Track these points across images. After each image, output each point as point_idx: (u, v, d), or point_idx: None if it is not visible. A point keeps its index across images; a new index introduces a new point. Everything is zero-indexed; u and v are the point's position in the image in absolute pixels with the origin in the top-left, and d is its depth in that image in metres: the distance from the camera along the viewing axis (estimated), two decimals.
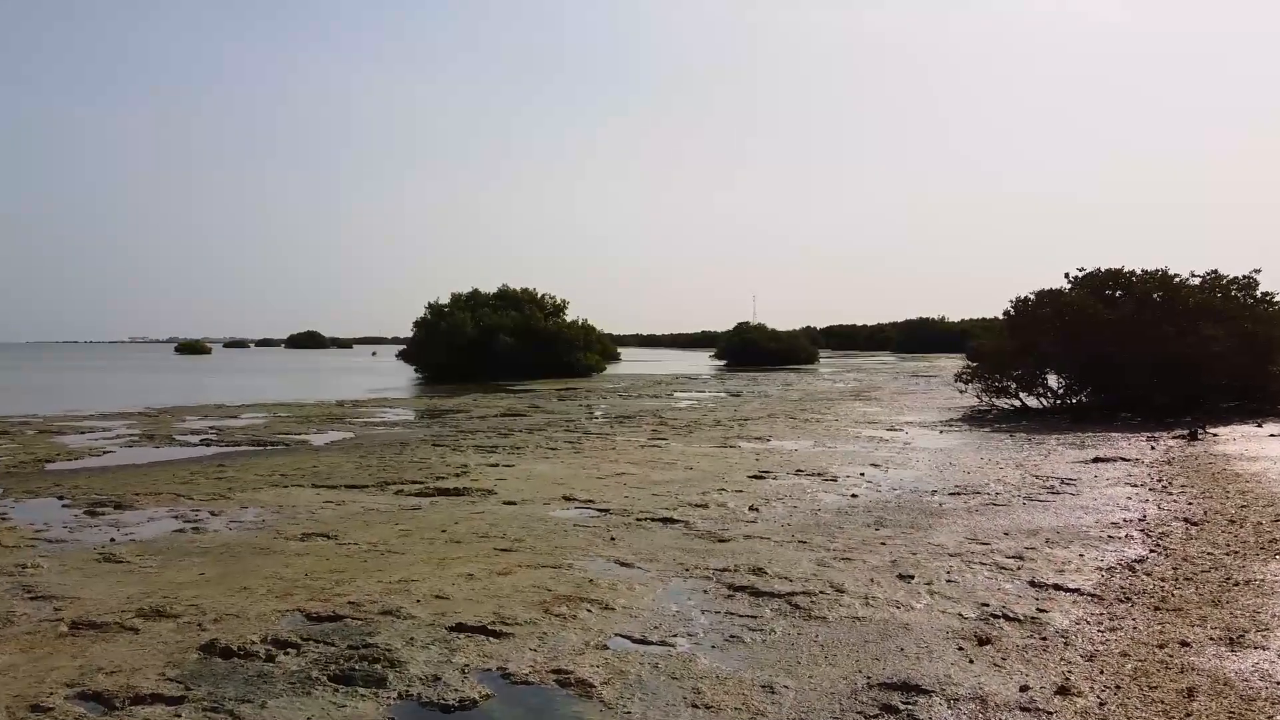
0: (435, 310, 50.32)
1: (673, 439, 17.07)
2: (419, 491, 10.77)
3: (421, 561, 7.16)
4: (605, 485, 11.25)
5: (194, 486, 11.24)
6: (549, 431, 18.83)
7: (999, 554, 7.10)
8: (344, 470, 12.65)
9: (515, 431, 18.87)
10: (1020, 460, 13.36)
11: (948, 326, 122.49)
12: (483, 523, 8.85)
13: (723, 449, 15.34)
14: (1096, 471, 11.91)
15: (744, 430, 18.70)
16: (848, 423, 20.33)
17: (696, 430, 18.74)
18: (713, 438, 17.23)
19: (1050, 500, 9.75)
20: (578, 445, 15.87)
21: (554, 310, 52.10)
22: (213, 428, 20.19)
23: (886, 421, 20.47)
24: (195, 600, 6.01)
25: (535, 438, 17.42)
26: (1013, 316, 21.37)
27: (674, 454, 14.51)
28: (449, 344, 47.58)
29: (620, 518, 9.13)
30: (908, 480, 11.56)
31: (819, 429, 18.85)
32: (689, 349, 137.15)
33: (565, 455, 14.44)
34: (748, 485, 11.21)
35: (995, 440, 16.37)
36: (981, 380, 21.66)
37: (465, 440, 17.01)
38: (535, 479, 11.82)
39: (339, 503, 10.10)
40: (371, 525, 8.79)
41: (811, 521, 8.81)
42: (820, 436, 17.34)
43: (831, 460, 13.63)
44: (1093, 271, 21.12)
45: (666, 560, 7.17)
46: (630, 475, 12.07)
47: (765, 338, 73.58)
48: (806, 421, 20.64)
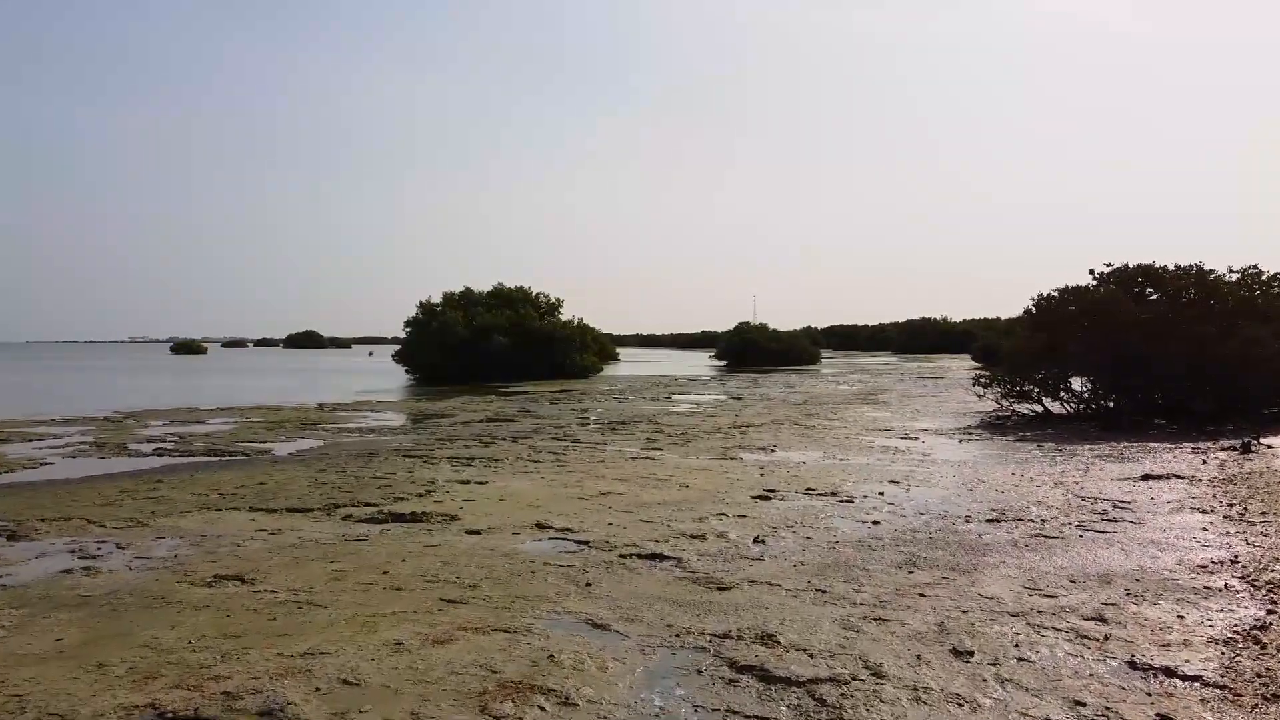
0: (427, 309, 48.85)
1: (668, 449, 15.59)
2: (371, 516, 9.30)
3: (344, 620, 5.69)
4: (588, 508, 9.77)
5: (114, 510, 9.76)
6: (534, 440, 17.35)
7: (1073, 613, 5.62)
8: (294, 488, 11.17)
9: (497, 440, 17.39)
10: (1057, 476, 11.89)
11: (949, 327, 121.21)
12: (435, 560, 7.38)
13: (723, 461, 13.87)
14: (1151, 492, 10.43)
15: (746, 439, 17.22)
16: (857, 430, 18.85)
17: (694, 439, 17.26)
18: (712, 448, 15.75)
19: (1110, 530, 8.27)
20: (563, 457, 14.39)
21: (548, 309, 50.61)
22: (174, 435, 18.73)
23: (899, 429, 19.00)
24: (22, 688, 4.54)
25: (518, 448, 15.94)
26: (1035, 315, 19.88)
27: (669, 468, 13.04)
28: (441, 344, 46.10)
29: (600, 552, 7.67)
30: (934, 502, 10.09)
31: (827, 437, 17.37)
32: (689, 349, 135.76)
33: (548, 470, 12.96)
34: (751, 508, 9.73)
35: (1022, 451, 14.90)
36: (1001, 384, 20.17)
37: (441, 450, 15.53)
38: (509, 500, 10.34)
39: (274, 531, 8.64)
40: (301, 563, 7.31)
41: (829, 559, 7.34)
42: (829, 446, 15.86)
43: (844, 476, 12.16)
44: (1120, 267, 19.64)
45: (652, 619, 5.70)
46: (618, 495, 10.59)
47: (766, 338, 72.10)
48: (813, 429, 19.16)
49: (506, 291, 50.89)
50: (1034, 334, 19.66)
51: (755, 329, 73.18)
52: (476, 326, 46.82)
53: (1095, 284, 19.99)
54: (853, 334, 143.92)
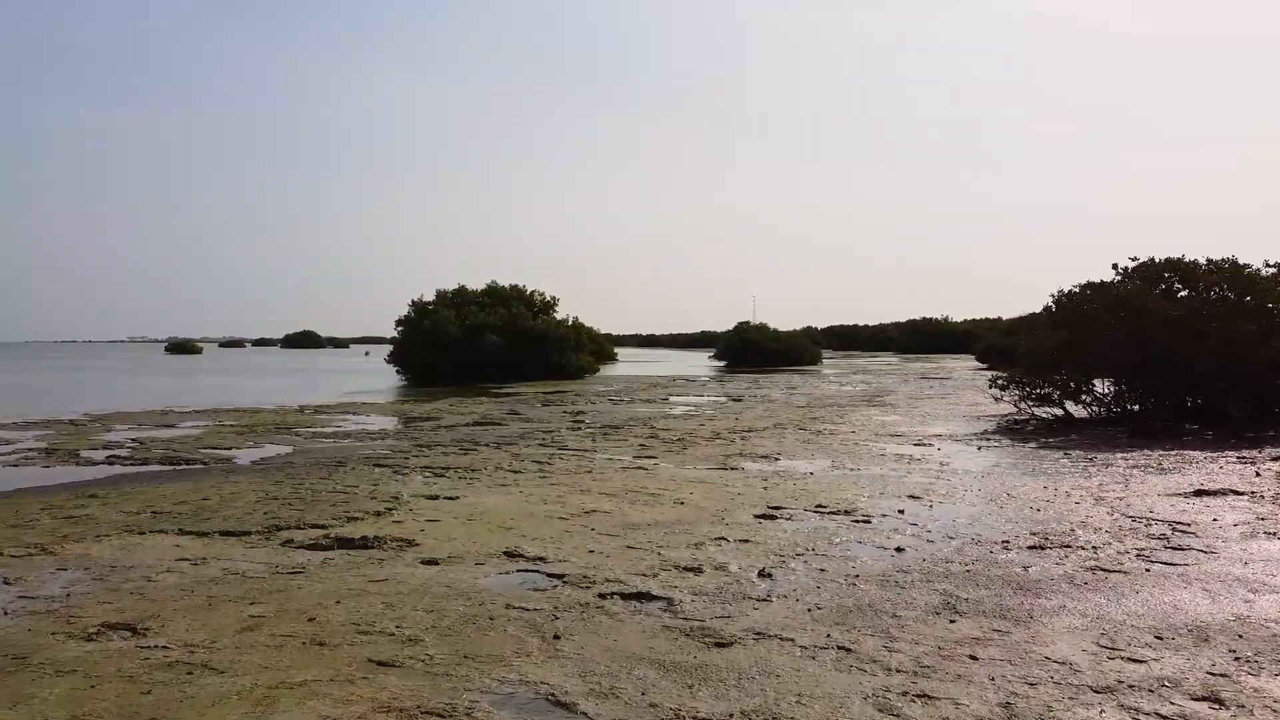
0: (419, 308, 47.60)
1: (663, 458, 14.35)
2: (316, 541, 8.04)
3: (237, 695, 4.45)
4: (568, 530, 8.53)
5: (23, 532, 8.52)
6: (519, 446, 16.10)
7: (1175, 689, 4.37)
8: (238, 505, 9.91)
9: (480, 446, 16.14)
10: (1095, 491, 10.64)
11: (950, 327, 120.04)
12: (377, 601, 6.13)
13: (722, 472, 12.62)
14: (1210, 511, 9.18)
15: (747, 445, 15.96)
16: (867, 435, 17.60)
17: (692, 445, 16.01)
18: (710, 456, 14.50)
19: (1179, 563, 7.02)
20: (547, 467, 13.13)
21: (543, 308, 49.37)
22: (135, 441, 17.48)
23: (911, 434, 17.75)
24: None
25: (500, 455, 14.70)
26: (1055, 313, 18.62)
27: (662, 479, 11.79)
28: (433, 344, 44.85)
29: (577, 590, 6.42)
30: (962, 522, 8.84)
31: (834, 444, 16.11)
32: (689, 349, 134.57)
33: (528, 482, 11.71)
34: (755, 530, 8.49)
35: (1048, 460, 13.65)
36: (1019, 386, 18.91)
37: (416, 458, 14.28)
38: (479, 519, 9.09)
39: (197, 560, 7.39)
40: (215, 605, 6.07)
41: (849, 600, 6.10)
42: (838, 454, 14.62)
43: (857, 489, 10.91)
44: (1147, 262, 18.38)
45: (630, 693, 4.46)
46: (603, 514, 9.34)
47: (766, 338, 70.84)
48: (819, 434, 17.91)
49: (500, 290, 49.65)
50: (1053, 332, 18.41)
51: (755, 329, 71.94)
52: (469, 325, 45.57)
53: (1119, 279, 18.74)
54: (853, 334, 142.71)
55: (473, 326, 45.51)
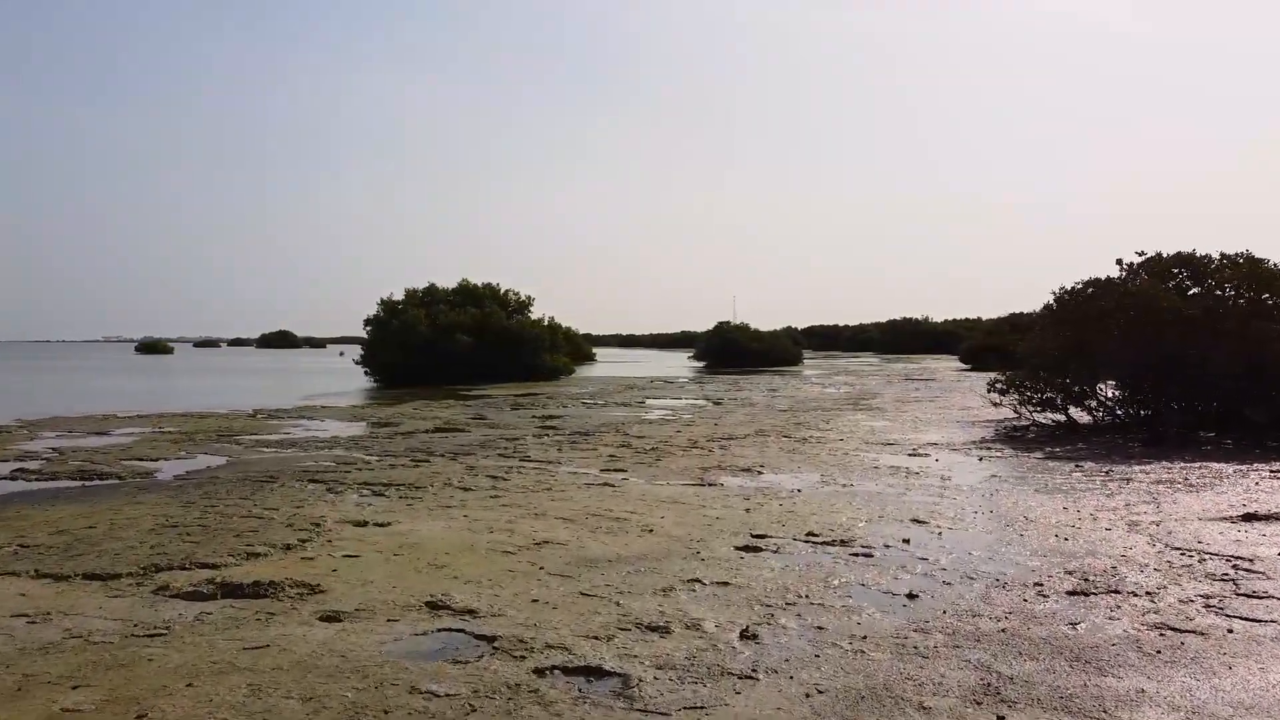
0: (388, 307, 45.90)
1: (634, 471, 12.92)
2: (197, 588, 6.54)
3: None
4: (511, 570, 7.08)
5: None
6: (477, 457, 14.64)
7: None
8: (125, 536, 8.38)
9: (434, 457, 14.67)
10: (1124, 512, 9.31)
11: (931, 327, 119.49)
12: (240, 684, 4.67)
13: (699, 489, 11.21)
14: (1272, 542, 7.84)
15: (727, 456, 14.56)
16: (856, 444, 16.24)
17: (666, 456, 14.59)
18: (686, 469, 13.09)
19: (1267, 618, 5.66)
20: (502, 483, 11.67)
21: (518, 307, 47.80)
22: (54, 451, 15.87)
23: (904, 442, 16.40)
24: None
25: (453, 468, 13.23)
26: (1057, 311, 17.32)
27: (630, 499, 10.36)
28: (401, 344, 43.19)
29: (508, 662, 4.99)
30: (979, 555, 7.48)
31: (822, 454, 14.74)
32: (669, 349, 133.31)
33: (477, 502, 10.25)
34: (736, 568, 7.08)
35: (1059, 473, 12.33)
36: (1020, 390, 17.59)
37: (358, 472, 12.79)
38: (408, 554, 7.63)
39: (40, 615, 5.89)
40: (26, 691, 4.59)
41: (859, 678, 4.70)
42: (827, 467, 13.24)
43: (852, 511, 9.54)
44: (1154, 256, 17.12)
45: None
46: (556, 546, 7.90)
47: (747, 338, 69.58)
48: (805, 442, 16.53)
49: (473, 288, 48.04)
50: (1056, 332, 17.12)
51: (736, 328, 70.66)
52: (440, 325, 43.97)
53: (1124, 275, 17.47)
54: (833, 334, 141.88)
55: (443, 326, 43.91)
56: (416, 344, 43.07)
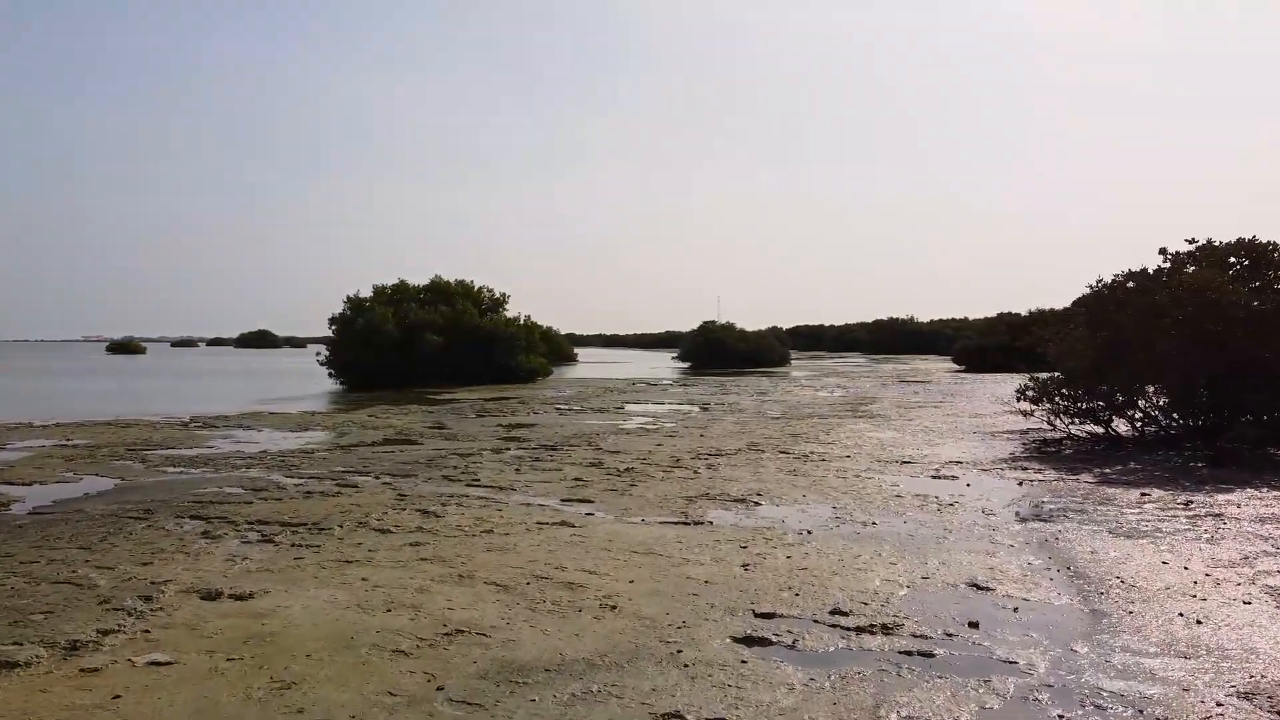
0: (354, 304, 43.26)
1: (601, 500, 10.51)
2: None
3: None
4: (393, 692, 4.65)
5: None
6: (416, 480, 12.20)
7: None
8: None
9: (365, 479, 12.23)
10: (1248, 570, 6.97)
11: (918, 327, 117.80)
12: None
13: (681, 529, 8.81)
14: None
15: (715, 480, 12.17)
16: (866, 461, 13.89)
17: (643, 480, 12.18)
18: (666, 498, 10.68)
19: None
20: (432, 522, 9.21)
21: (492, 305, 45.26)
22: None
23: (921, 459, 14.07)
24: None
25: (380, 497, 10.77)
26: (1093, 307, 14.98)
27: (592, 548, 7.94)
28: (367, 344, 40.58)
29: None
30: (1087, 656, 5.12)
31: (830, 477, 12.37)
32: (653, 349, 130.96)
33: (389, 555, 7.80)
34: (736, 683, 4.69)
35: (1125, 504, 10.01)
36: (1053, 398, 15.25)
37: (261, 503, 10.32)
38: (249, 656, 5.18)
39: None
40: None
41: None
42: (838, 495, 10.87)
43: (885, 566, 7.18)
44: (1206, 244, 14.83)
45: None
46: (473, 639, 5.46)
47: (733, 337, 67.27)
48: (806, 459, 14.15)
49: (445, 285, 45.46)
50: (1093, 333, 14.80)
51: (721, 328, 68.34)
52: (409, 324, 41.41)
53: (1167, 265, 15.16)
54: (818, 334, 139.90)
55: (412, 325, 41.36)
56: (383, 344, 40.48)
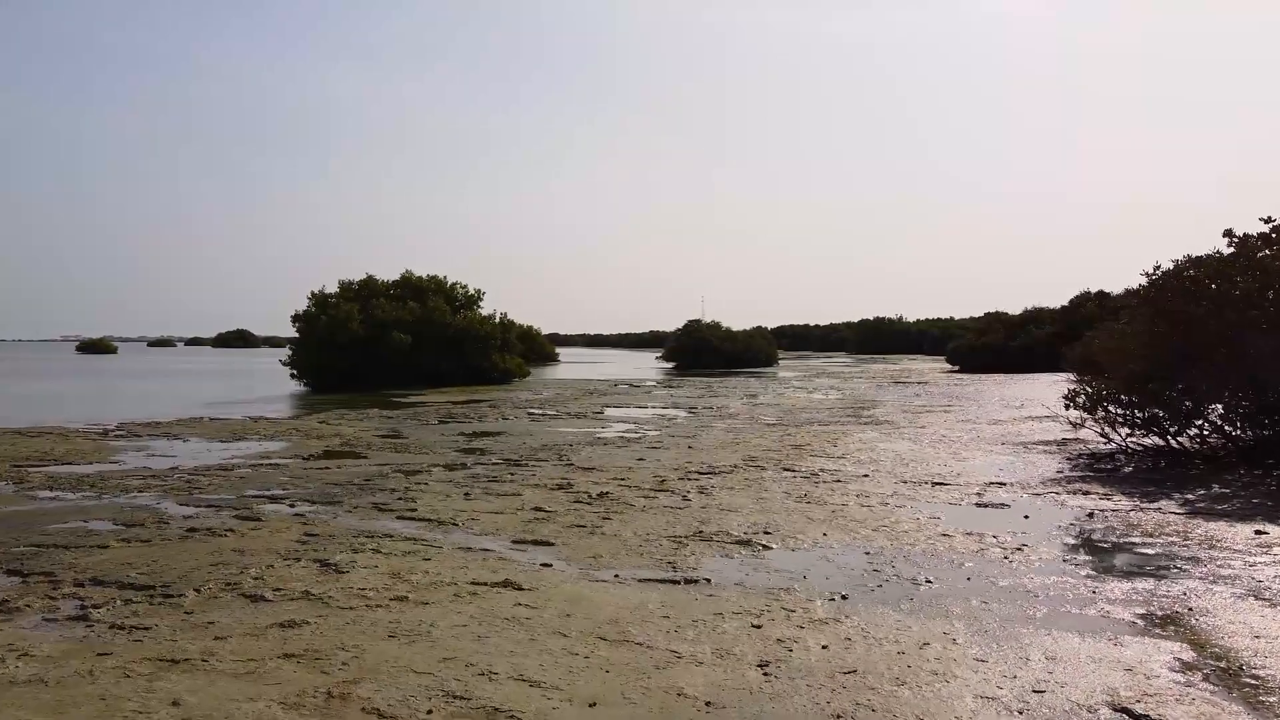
0: (318, 301, 40.68)
1: (564, 541, 8.12)
2: None
3: None
4: None
5: None
6: (339, 509, 9.78)
7: None
8: None
9: (280, 504, 9.79)
10: None
11: (904, 326, 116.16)
12: None
13: (668, 593, 6.43)
14: None
15: (710, 508, 9.79)
16: (889, 481, 11.56)
17: (619, 510, 9.78)
18: (649, 538, 8.29)
19: None
20: (333, 582, 6.77)
21: (466, 302, 42.78)
22: None
23: (951, 477, 11.76)
24: None
25: (279, 539, 8.33)
26: (1154, 300, 12.65)
27: (540, 630, 5.56)
28: (331, 343, 38.04)
29: None
30: None
31: (851, 504, 10.02)
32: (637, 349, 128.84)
33: (241, 648, 5.38)
34: None
35: (1238, 545, 7.71)
36: (1105, 404, 12.93)
37: (115, 549, 7.88)
38: None
39: None
40: None
41: None
42: (866, 532, 8.53)
43: (967, 662, 4.85)
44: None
45: None
46: None
47: (719, 337, 65.03)
48: (817, 479, 11.80)
49: (416, 281, 42.94)
50: (1153, 331, 12.52)
51: (707, 327, 66.06)
52: (376, 321, 38.87)
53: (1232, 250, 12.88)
54: (804, 334, 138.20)
55: (379, 323, 38.82)
56: (348, 343, 37.96)
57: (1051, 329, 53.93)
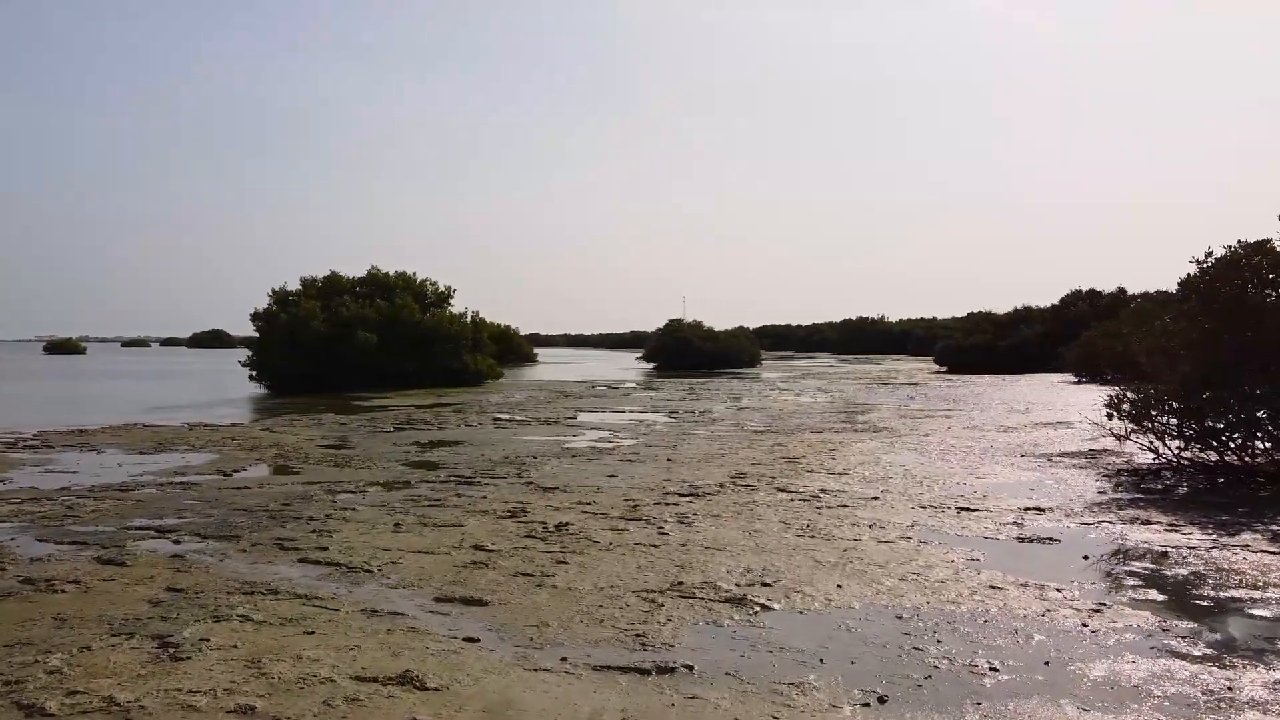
0: (279, 299, 38.49)
1: (501, 603, 6.20)
2: None
3: None
4: None
5: None
6: (235, 544, 7.83)
7: None
8: None
9: (164, 538, 7.83)
10: None
11: (888, 327, 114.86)
12: None
13: (633, 693, 4.54)
14: None
15: (692, 547, 7.88)
16: (904, 505, 9.72)
17: (578, 550, 7.86)
18: (612, 595, 6.38)
19: None
20: (161, 676, 4.84)
21: (436, 300, 40.68)
22: None
23: (975, 499, 9.93)
24: None
25: (133, 595, 6.38)
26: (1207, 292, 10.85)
27: None
28: (292, 342, 35.89)
29: None
30: None
31: (865, 539, 8.15)
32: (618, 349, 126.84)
33: None
34: None
35: None
36: (1151, 415, 11.11)
37: None
38: None
39: None
40: None
41: None
42: (891, 581, 6.67)
43: None
44: None
45: None
46: None
47: (701, 337, 63.16)
48: (819, 503, 9.92)
49: (383, 278, 40.80)
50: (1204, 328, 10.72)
51: (689, 326, 64.21)
52: (340, 320, 36.74)
53: None
54: (786, 334, 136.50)
55: (343, 321, 36.70)
56: (309, 342, 35.82)
57: (1042, 329, 52.56)
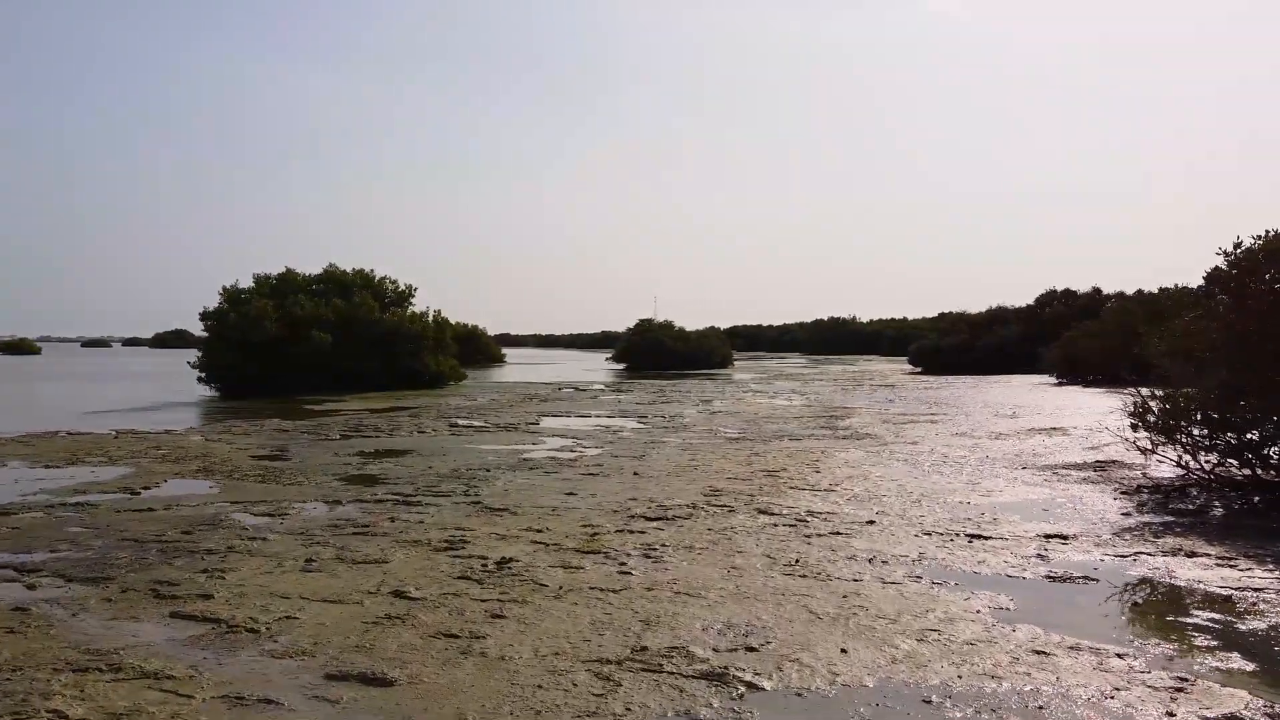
0: (230, 297, 36.63)
1: (409, 688, 4.74)
2: None
3: None
4: None
5: None
6: (94, 594, 6.33)
7: None
8: None
9: (18, 577, 6.33)
10: None
11: (859, 327, 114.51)
12: None
13: None
14: None
15: (659, 592, 6.48)
16: (905, 531, 8.38)
17: (520, 599, 6.43)
18: (556, 665, 4.96)
19: None
20: None
21: (396, 299, 39.01)
22: None
23: (985, 522, 8.63)
24: None
25: None
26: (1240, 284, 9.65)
27: None
28: (243, 342, 34.10)
29: None
30: None
31: (867, 578, 6.80)
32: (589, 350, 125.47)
33: None
34: None
35: None
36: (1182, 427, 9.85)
37: None
38: None
39: None
40: None
41: None
42: (909, 644, 5.31)
43: None
44: None
45: None
46: None
47: (672, 337, 61.88)
48: (806, 529, 8.56)
49: (340, 275, 39.04)
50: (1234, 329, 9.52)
51: (660, 327, 62.91)
52: (293, 319, 34.98)
53: None
54: (757, 335, 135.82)
55: (297, 321, 34.95)
56: (262, 343, 34.05)
57: (1019, 329, 51.86)
